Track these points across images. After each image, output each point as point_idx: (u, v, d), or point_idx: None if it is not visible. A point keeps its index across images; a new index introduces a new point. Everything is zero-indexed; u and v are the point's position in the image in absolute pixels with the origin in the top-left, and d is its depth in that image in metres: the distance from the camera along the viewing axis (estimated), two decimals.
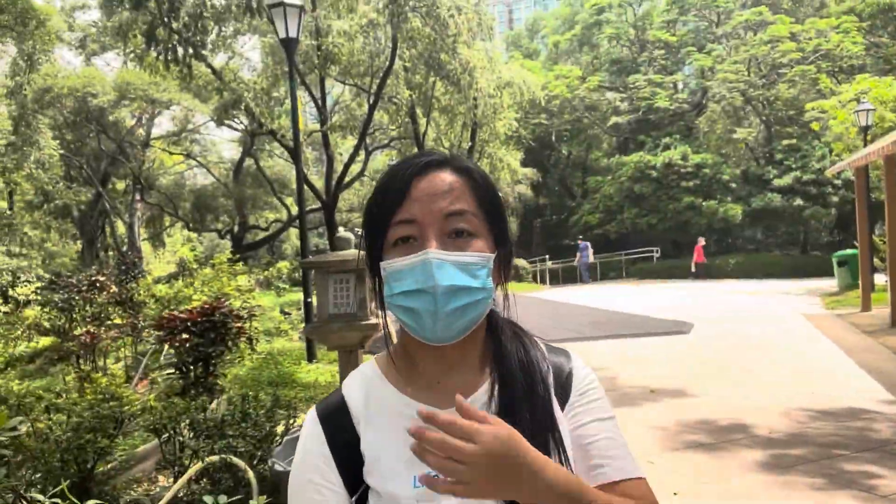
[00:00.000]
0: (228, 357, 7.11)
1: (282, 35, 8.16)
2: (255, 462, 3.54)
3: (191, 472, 3.23)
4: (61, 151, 23.89)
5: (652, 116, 30.33)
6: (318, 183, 21.81)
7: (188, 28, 9.61)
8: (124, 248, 31.54)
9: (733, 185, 27.52)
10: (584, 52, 33.95)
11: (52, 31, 12.65)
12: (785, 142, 26.85)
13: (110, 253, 32.92)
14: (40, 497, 3.08)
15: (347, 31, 16.88)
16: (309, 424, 0.99)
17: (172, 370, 6.37)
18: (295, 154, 9.11)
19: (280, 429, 3.92)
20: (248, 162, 28.79)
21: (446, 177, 0.94)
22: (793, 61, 27.45)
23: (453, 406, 0.88)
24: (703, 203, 26.34)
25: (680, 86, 33.54)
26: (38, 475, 3.75)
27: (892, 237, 11.34)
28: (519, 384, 0.97)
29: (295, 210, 30.75)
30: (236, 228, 28.43)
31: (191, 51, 10.12)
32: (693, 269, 24.95)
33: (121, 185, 32.51)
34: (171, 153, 27.86)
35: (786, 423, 5.77)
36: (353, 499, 0.94)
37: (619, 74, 33.26)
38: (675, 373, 8.21)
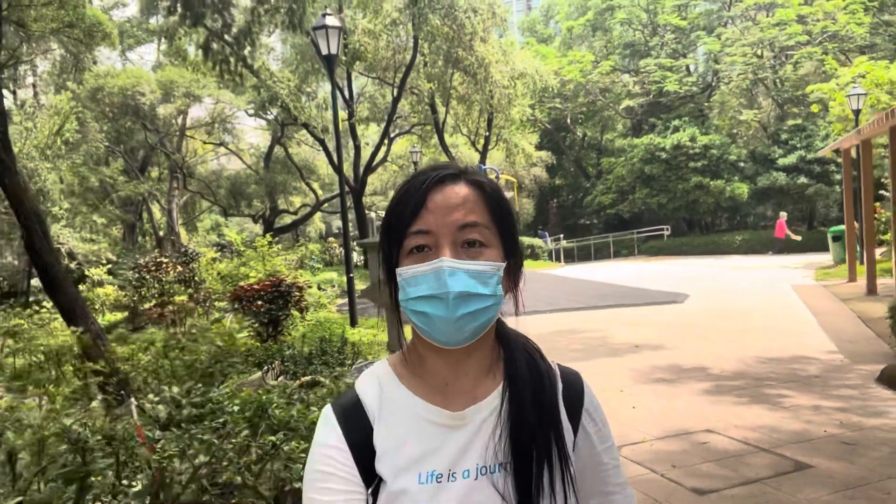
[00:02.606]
0: (289, 322, 8.74)
1: (324, 52, 9.65)
2: (335, 379, 5.14)
3: (296, 384, 4.83)
4: (106, 143, 25.75)
5: (662, 99, 31.39)
6: (346, 170, 23.41)
7: (239, 42, 11.14)
8: (161, 233, 33.58)
9: (741, 165, 28.59)
10: (597, 36, 34.94)
11: (115, 41, 14.23)
12: (790, 122, 27.83)
13: (147, 238, 34.94)
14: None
15: (372, 31, 18.33)
16: (325, 420, 1.03)
17: (245, 332, 7.98)
18: (338, 164, 10.53)
19: (349, 361, 5.51)
20: (277, 150, 30.43)
21: (460, 190, 0.97)
22: (800, 43, 28.31)
23: (461, 408, 0.99)
24: (711, 182, 27.50)
25: (692, 68, 34.41)
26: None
27: (866, 213, 12.64)
28: (527, 389, 1.00)
29: (321, 195, 32.47)
30: (267, 213, 30.18)
31: (241, 62, 11.59)
32: (784, 242, 24.30)
33: (154, 174, 34.38)
34: (205, 143, 29.60)
35: (736, 366, 7.26)
36: (370, 490, 0.97)
37: (631, 58, 34.25)
38: (659, 333, 9.69)
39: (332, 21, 9.41)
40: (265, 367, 5.70)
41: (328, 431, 1.00)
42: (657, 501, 3.79)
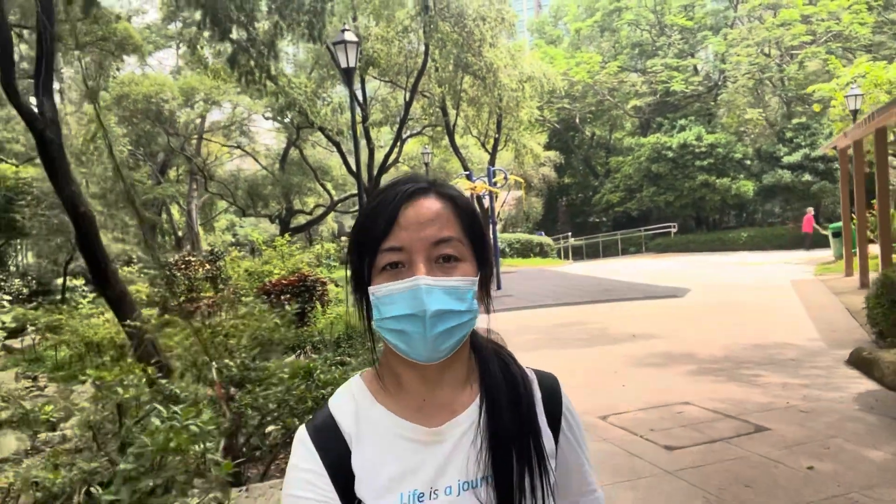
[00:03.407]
0: (313, 314, 9.53)
1: (343, 65, 10.43)
2: (361, 363, 5.90)
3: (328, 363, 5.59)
4: (129, 147, 26.74)
5: (669, 99, 31.95)
6: (361, 170, 24.21)
7: (262, 54, 11.94)
8: (179, 233, 34.62)
9: (747, 163, 29.12)
10: (604, 37, 35.55)
11: (144, 53, 15.11)
12: (795, 120, 28.33)
13: (166, 237, 36.00)
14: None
15: (385, 37, 19.10)
16: (300, 442, 1.00)
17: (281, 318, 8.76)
18: (357, 170, 11.29)
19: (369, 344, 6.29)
20: (292, 152, 31.31)
21: (432, 204, 0.96)
22: (804, 43, 28.79)
23: (439, 423, 0.99)
24: (717, 180, 28.07)
25: (700, 67, 34.93)
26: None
27: (858, 211, 13.24)
28: (504, 397, 1.01)
29: (335, 195, 33.32)
30: (283, 213, 31.08)
31: (265, 73, 12.39)
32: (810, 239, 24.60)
33: (173, 175, 35.43)
34: (223, 145, 30.56)
35: (722, 352, 7.95)
36: None
37: (639, 58, 34.83)
38: (657, 325, 10.39)
39: (350, 36, 10.18)
40: (297, 351, 6.48)
41: (304, 455, 0.98)
42: (633, 455, 4.53)
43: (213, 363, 3.63)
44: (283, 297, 8.58)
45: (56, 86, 27.03)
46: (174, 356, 6.69)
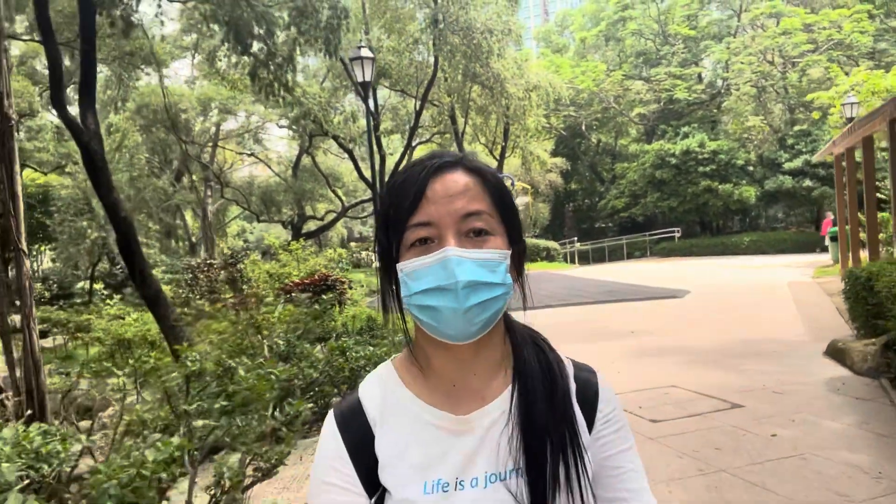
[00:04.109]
0: (332, 312, 10.22)
1: (359, 79, 11.16)
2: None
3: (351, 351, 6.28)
4: (146, 155, 27.61)
5: (673, 106, 32.60)
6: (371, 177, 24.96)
7: (281, 68, 12.70)
8: (193, 238, 35.47)
9: (750, 169, 29.69)
10: (609, 46, 36.24)
11: (168, 65, 15.91)
12: (796, 127, 28.90)
13: (181, 242, 36.89)
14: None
15: (396, 49, 19.86)
16: (327, 427, 1.00)
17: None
18: (373, 179, 11.99)
19: (389, 336, 6.96)
20: (304, 159, 32.10)
21: (460, 178, 0.94)
22: (805, 51, 29.39)
23: (468, 411, 0.95)
24: (720, 186, 28.65)
25: (704, 75, 35.56)
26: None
27: (851, 216, 13.84)
28: (539, 386, 0.97)
29: (346, 201, 34.09)
30: (296, 219, 31.87)
31: (283, 87, 13.14)
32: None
33: (186, 181, 36.36)
34: (238, 153, 31.43)
35: (712, 346, 8.59)
36: (373, 500, 0.95)
37: (643, 66, 35.49)
38: (655, 323, 11.03)
39: (366, 52, 10.91)
40: (322, 342, 7.18)
41: (329, 440, 0.98)
42: None
43: (265, 341, 4.32)
44: (304, 296, 9.27)
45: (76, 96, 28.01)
46: (211, 343, 7.39)
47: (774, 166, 28.83)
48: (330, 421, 1.00)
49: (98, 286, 23.13)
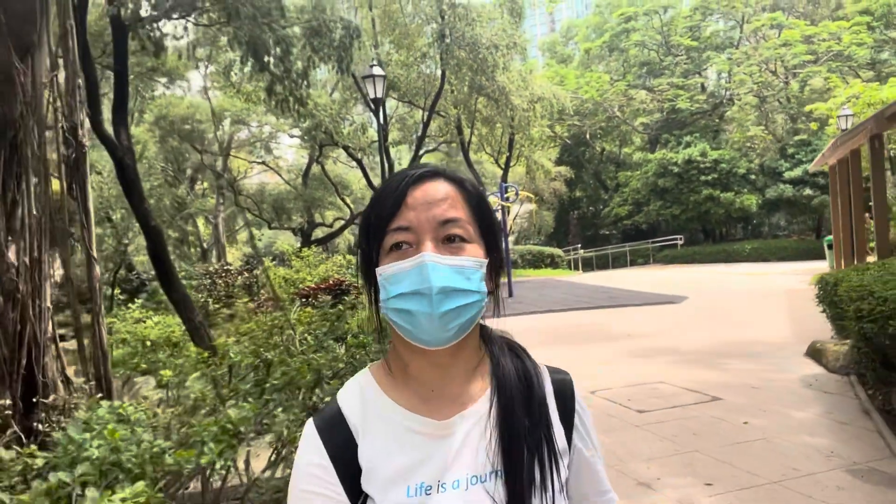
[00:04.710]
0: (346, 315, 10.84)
1: (371, 96, 11.83)
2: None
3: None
4: (162, 165, 28.43)
5: (676, 116, 33.21)
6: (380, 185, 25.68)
7: (297, 85, 13.39)
8: (204, 245, 36.29)
9: (752, 177, 30.24)
10: (613, 56, 36.91)
11: (188, 80, 16.68)
12: (796, 137, 29.47)
13: (192, 249, 37.72)
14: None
15: (405, 62, 20.56)
16: (306, 436, 1.00)
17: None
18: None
19: None
20: (314, 167, 32.85)
21: (440, 186, 0.97)
22: (805, 62, 29.99)
23: (447, 416, 0.97)
24: (721, 194, 29.21)
25: (707, 85, 36.18)
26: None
27: (843, 225, 14.40)
28: (515, 388, 0.99)
29: (354, 209, 34.81)
30: (305, 226, 32.60)
31: (298, 102, 13.83)
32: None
33: (198, 189, 37.23)
34: (250, 162, 32.24)
35: (702, 347, 9.17)
36: None
37: (647, 76, 36.15)
38: (651, 326, 11.60)
39: (378, 71, 11.58)
40: (341, 342, 7.79)
41: (310, 448, 0.98)
42: (612, 416, 5.79)
43: (296, 336, 4.94)
44: (328, 299, 9.90)
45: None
46: (237, 342, 8.02)
47: (775, 175, 29.37)
48: (310, 429, 1.00)
49: (115, 291, 23.88)
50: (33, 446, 2.47)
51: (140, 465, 2.06)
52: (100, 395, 4.17)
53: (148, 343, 12.89)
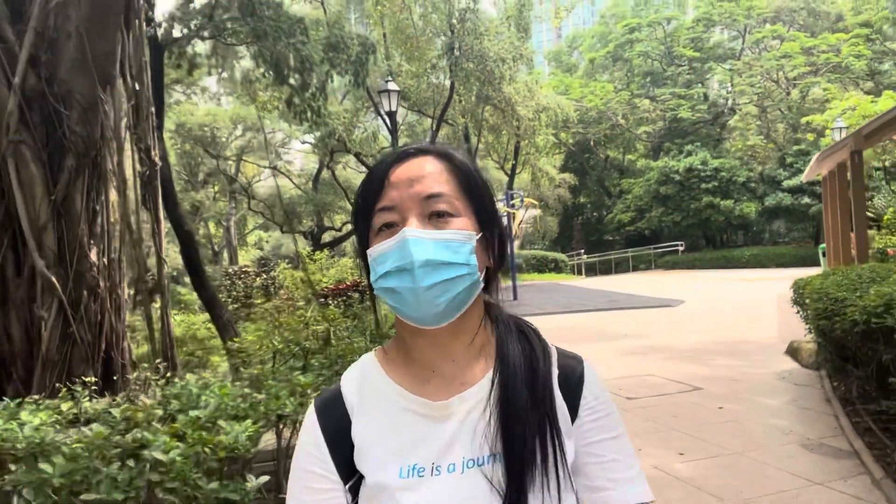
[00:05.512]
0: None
1: (386, 109, 12.63)
2: None
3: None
4: (177, 169, 29.34)
5: (678, 125, 33.98)
6: None
7: (315, 97, 14.22)
8: (216, 247, 37.23)
9: (752, 186, 30.96)
10: (617, 66, 37.71)
11: (207, 90, 17.54)
12: (795, 147, 30.20)
13: (205, 251, 38.67)
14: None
15: (415, 73, 21.40)
16: (307, 415, 1.01)
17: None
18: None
19: None
20: (324, 172, 33.74)
21: (423, 163, 0.95)
22: (804, 74, 30.74)
23: (447, 396, 0.95)
24: (721, 202, 29.93)
25: (709, 95, 36.93)
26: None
27: (833, 234, 15.11)
28: (519, 370, 0.96)
29: None
30: (315, 230, 33.47)
31: (315, 113, 14.65)
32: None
33: (212, 193, 38.24)
34: (261, 166, 33.16)
35: (693, 346, 9.92)
36: (347, 487, 0.96)
37: (650, 86, 36.93)
38: (648, 327, 12.35)
39: (392, 86, 12.40)
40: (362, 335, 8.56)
41: (308, 426, 1.00)
42: None
43: (333, 329, 5.72)
44: (337, 300, 10.69)
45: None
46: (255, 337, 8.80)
47: (774, 183, 30.09)
48: (310, 410, 1.02)
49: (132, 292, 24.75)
50: (153, 399, 3.25)
51: (245, 410, 2.82)
52: (169, 374, 4.96)
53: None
